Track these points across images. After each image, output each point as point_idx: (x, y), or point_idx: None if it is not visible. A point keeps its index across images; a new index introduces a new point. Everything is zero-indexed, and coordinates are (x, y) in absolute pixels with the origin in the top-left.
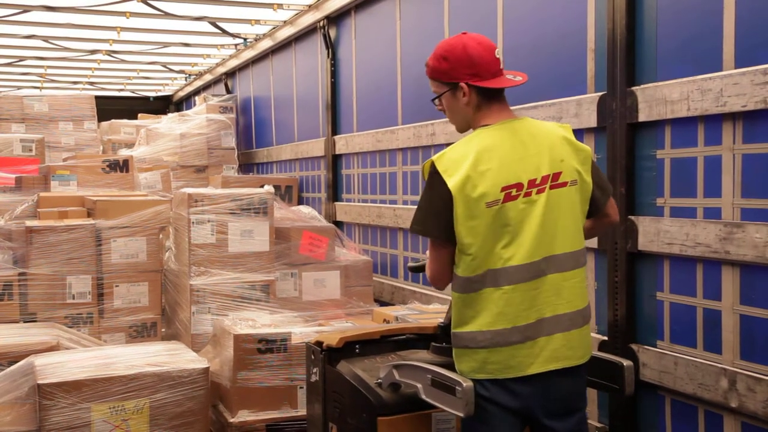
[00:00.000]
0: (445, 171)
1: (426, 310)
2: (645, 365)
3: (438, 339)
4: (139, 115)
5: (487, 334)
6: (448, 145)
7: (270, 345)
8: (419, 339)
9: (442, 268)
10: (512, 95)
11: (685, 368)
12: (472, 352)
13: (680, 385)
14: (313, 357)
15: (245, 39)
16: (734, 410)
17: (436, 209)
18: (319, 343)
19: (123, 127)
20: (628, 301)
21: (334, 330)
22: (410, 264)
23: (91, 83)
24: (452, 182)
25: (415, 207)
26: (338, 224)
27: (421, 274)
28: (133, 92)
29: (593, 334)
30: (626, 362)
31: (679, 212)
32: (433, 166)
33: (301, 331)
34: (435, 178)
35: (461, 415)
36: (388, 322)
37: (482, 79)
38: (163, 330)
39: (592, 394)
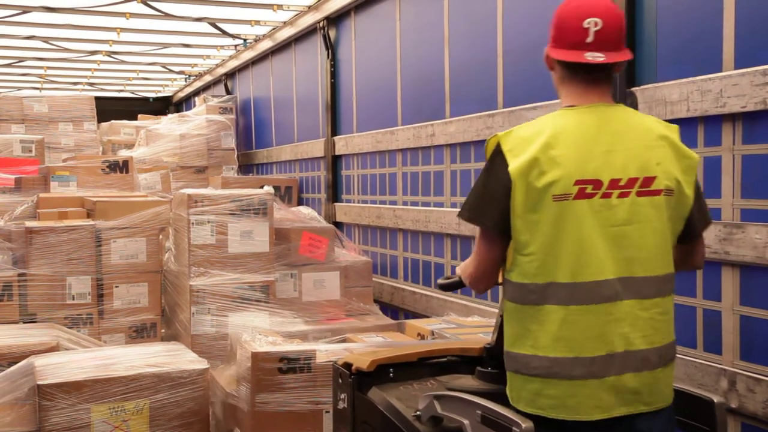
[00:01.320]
0: (510, 150)
1: (464, 324)
2: None
3: (484, 362)
4: (139, 115)
5: (544, 360)
6: (448, 145)
7: (292, 364)
8: (463, 362)
9: (488, 267)
10: (510, 95)
11: (684, 369)
12: (524, 379)
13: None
14: (340, 381)
15: (245, 40)
16: (734, 411)
17: (493, 195)
18: (347, 365)
19: (123, 127)
20: None
21: (364, 349)
22: (440, 281)
23: (91, 84)
24: (515, 165)
25: (416, 208)
26: (338, 225)
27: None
28: (132, 93)
29: None
30: (716, 398)
31: None
32: (497, 143)
33: (327, 349)
34: (497, 159)
35: None
36: (422, 337)
37: (558, 46)
38: (162, 331)
39: None
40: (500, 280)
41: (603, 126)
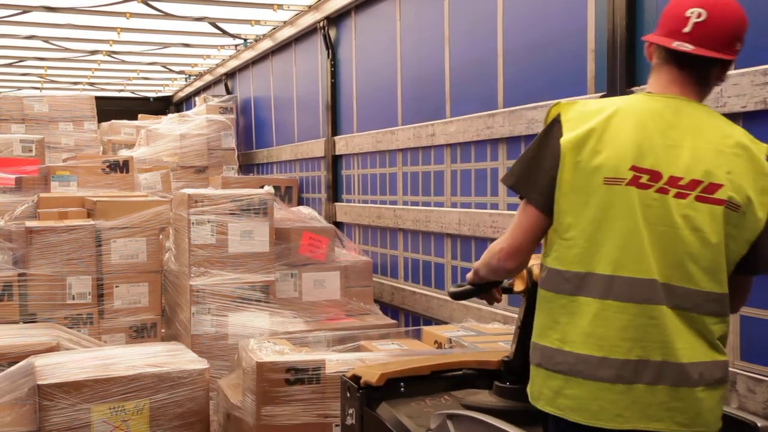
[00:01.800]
0: (568, 121)
1: (484, 331)
2: None
3: (502, 377)
4: (139, 115)
5: (570, 356)
6: (448, 145)
7: (300, 375)
8: (480, 375)
9: (524, 242)
10: (511, 95)
11: None
12: (546, 375)
13: None
14: (348, 395)
15: (245, 39)
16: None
17: (541, 165)
18: (356, 378)
19: (123, 127)
20: None
21: (377, 358)
22: (452, 288)
23: (91, 84)
24: (568, 136)
25: (416, 208)
26: (338, 225)
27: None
28: (133, 93)
29: None
30: (761, 422)
31: None
32: (558, 113)
33: (338, 358)
34: (553, 128)
35: None
36: (440, 345)
37: (656, 33)
38: (162, 330)
39: None
40: (519, 288)
41: (674, 119)
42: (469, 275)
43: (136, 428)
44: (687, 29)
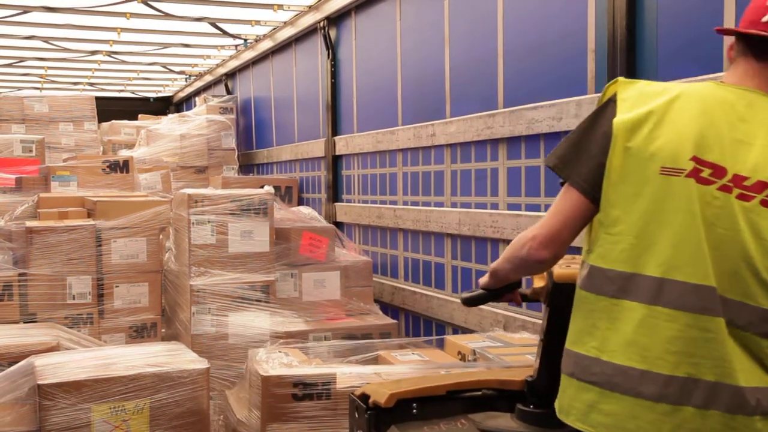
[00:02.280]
0: (625, 101)
1: (511, 342)
2: None
3: (526, 399)
4: (140, 115)
5: (607, 367)
6: (448, 145)
7: (309, 390)
8: (501, 396)
9: (563, 229)
10: (511, 95)
11: None
12: (579, 386)
13: None
14: (356, 415)
15: (245, 40)
16: None
17: (589, 146)
18: (364, 397)
19: (123, 127)
20: None
21: (392, 373)
22: (464, 295)
23: (92, 84)
24: (623, 117)
25: (416, 208)
26: (338, 225)
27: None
28: (133, 93)
29: None
30: None
31: None
32: (615, 91)
33: (351, 372)
34: (607, 106)
35: None
36: (463, 357)
37: (741, 23)
38: (163, 330)
39: None
40: (539, 284)
41: (747, 112)
42: (483, 279)
43: (136, 428)
44: (766, 18)
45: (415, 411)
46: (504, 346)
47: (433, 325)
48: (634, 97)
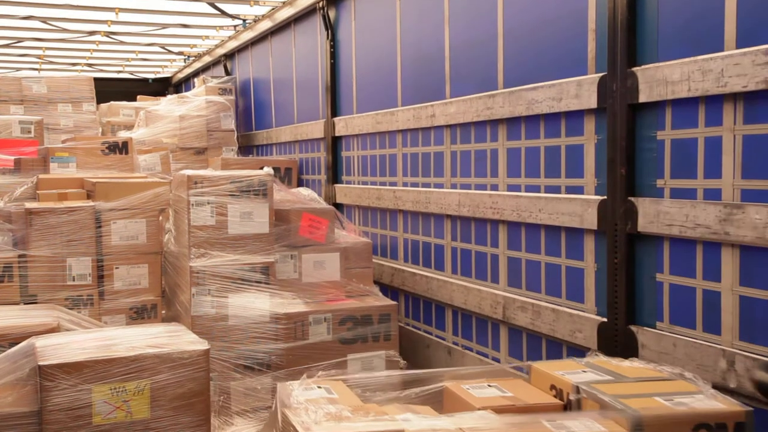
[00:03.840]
0: None
1: (622, 374)
2: (644, 347)
3: None
4: (138, 97)
5: None
6: (448, 126)
7: None
8: None
9: None
10: (511, 75)
11: (684, 349)
12: None
13: (679, 366)
14: None
15: (244, 20)
16: (733, 391)
17: None
18: None
19: (122, 109)
20: (628, 283)
21: (478, 429)
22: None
23: (90, 65)
24: None
25: (416, 189)
26: (338, 206)
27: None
28: (131, 74)
29: (592, 315)
30: None
31: (679, 193)
32: None
33: (422, 426)
34: None
35: None
36: (559, 394)
37: None
38: (163, 312)
39: None
40: None
41: None
42: None
43: (136, 408)
44: None
45: None
46: (615, 381)
47: (432, 306)
48: None
